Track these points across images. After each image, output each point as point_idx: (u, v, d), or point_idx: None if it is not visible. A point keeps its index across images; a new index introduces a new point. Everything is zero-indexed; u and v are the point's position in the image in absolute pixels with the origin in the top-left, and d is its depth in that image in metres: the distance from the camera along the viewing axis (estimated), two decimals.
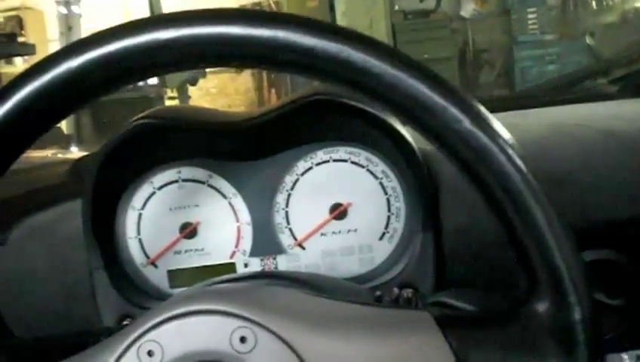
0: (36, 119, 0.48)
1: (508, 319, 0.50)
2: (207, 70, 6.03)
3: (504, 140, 0.47)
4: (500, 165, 0.46)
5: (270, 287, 0.55)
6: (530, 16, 6.84)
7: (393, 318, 0.50)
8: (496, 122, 0.47)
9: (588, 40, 6.29)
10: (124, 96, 5.32)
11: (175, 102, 6.16)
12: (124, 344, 0.47)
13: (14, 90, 0.47)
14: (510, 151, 0.46)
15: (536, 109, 1.09)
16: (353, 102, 0.74)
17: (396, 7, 7.27)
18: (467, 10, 7.18)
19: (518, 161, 0.46)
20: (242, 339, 0.46)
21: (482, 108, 0.47)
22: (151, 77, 0.53)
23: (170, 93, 6.15)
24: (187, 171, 0.81)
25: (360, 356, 0.47)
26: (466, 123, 0.46)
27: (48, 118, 0.49)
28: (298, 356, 0.46)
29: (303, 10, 7.27)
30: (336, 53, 0.46)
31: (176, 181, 0.81)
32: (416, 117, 0.47)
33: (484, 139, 0.46)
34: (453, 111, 0.46)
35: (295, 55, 0.46)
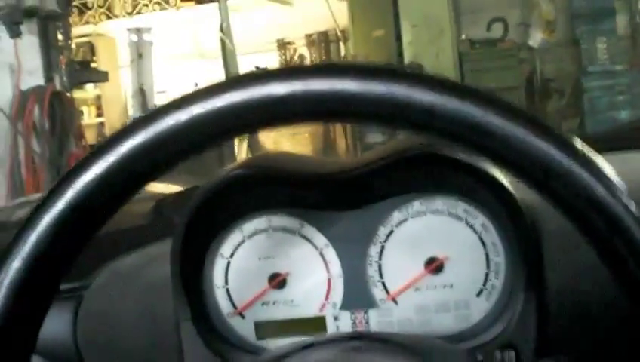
0: (135, 176, 0.46)
1: None
2: None
3: (635, 208, 0.43)
4: (635, 237, 0.43)
5: (376, 358, 0.51)
6: (599, 46, 6.75)
7: None
8: (625, 188, 0.44)
9: None
10: None
11: None
12: None
13: (120, 143, 0.45)
14: None
15: (632, 153, 1.04)
16: (453, 155, 0.70)
17: (463, 36, 7.24)
18: (535, 39, 7.11)
19: None
20: None
21: (612, 172, 0.44)
22: (257, 131, 0.51)
23: None
24: (278, 220, 0.78)
25: None
26: (599, 189, 0.43)
27: (147, 174, 0.47)
28: None
29: (369, 40, 7.30)
30: (458, 113, 0.43)
31: (267, 230, 0.79)
32: (542, 182, 0.44)
33: (617, 207, 0.43)
34: (585, 176, 0.43)
35: (413, 113, 0.44)
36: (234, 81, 0.45)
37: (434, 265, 0.76)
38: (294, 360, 0.48)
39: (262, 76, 0.45)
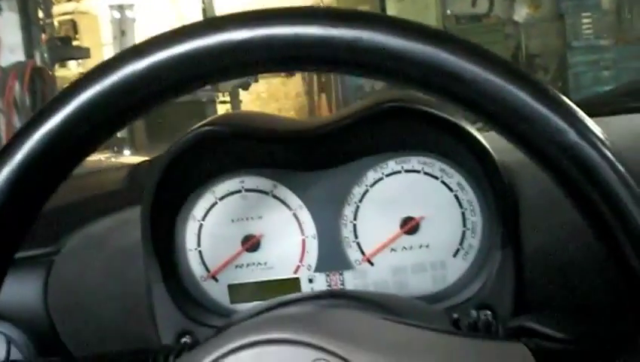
0: (97, 125, 0.44)
1: (610, 354, 0.44)
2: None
3: (613, 155, 0.41)
4: (609, 183, 0.41)
5: (349, 313, 0.50)
6: (584, 21, 6.74)
7: (485, 350, 0.45)
8: (602, 133, 0.42)
9: None
10: (177, 100, 5.35)
11: (227, 107, 6.18)
12: None
13: (77, 92, 0.43)
14: (620, 168, 0.41)
15: (614, 117, 1.03)
16: (429, 110, 0.69)
17: (448, 12, 7.22)
18: (520, 14, 7.09)
19: (630, 180, 0.41)
20: None
21: (588, 118, 0.42)
22: (219, 81, 0.49)
23: (221, 97, 6.18)
24: (251, 181, 0.77)
25: None
26: (572, 135, 0.41)
27: (109, 124, 0.45)
28: None
29: None
30: (425, 58, 0.41)
31: (239, 191, 0.77)
32: (514, 128, 0.42)
33: (591, 153, 0.41)
34: (558, 121, 0.41)
35: (380, 59, 0.42)
36: (193, 27, 0.43)
37: (410, 225, 0.75)
38: (267, 317, 0.47)
39: (222, 21, 0.43)
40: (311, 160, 0.75)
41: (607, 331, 0.51)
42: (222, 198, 0.77)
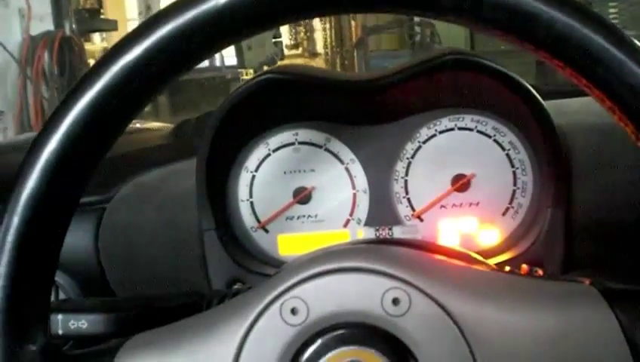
0: (168, 64, 0.44)
1: None
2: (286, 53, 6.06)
3: None
4: None
5: (416, 251, 0.51)
6: (611, 11, 6.67)
7: (553, 290, 0.46)
8: None
9: None
10: (201, 77, 5.38)
11: None
12: (265, 299, 0.44)
13: (151, 30, 0.43)
14: None
15: None
16: (489, 63, 0.69)
17: None
18: None
19: None
20: (395, 301, 0.42)
21: None
22: (300, 20, 0.49)
23: (245, 75, 6.18)
24: (304, 133, 0.78)
25: (522, 326, 0.42)
26: None
27: (182, 61, 0.45)
28: (455, 322, 0.42)
29: None
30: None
31: (293, 143, 0.78)
32: (589, 71, 0.43)
33: None
34: (632, 66, 0.41)
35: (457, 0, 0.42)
36: None
37: (460, 183, 0.76)
38: (339, 249, 0.47)
39: None
40: (365, 114, 0.76)
41: None
42: (275, 150, 0.78)
